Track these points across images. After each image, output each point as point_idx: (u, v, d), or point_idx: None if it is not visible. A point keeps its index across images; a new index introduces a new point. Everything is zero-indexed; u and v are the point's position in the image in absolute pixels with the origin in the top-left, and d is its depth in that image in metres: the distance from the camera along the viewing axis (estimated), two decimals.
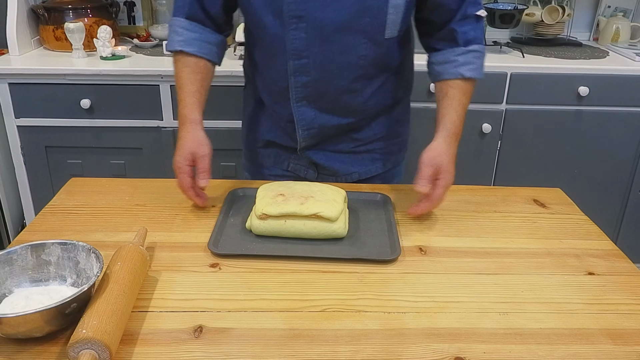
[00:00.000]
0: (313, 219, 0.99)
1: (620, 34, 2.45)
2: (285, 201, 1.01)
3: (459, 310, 0.85)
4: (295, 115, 1.22)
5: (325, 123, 1.23)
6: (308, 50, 1.12)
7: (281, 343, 0.77)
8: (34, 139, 2.10)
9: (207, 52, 1.20)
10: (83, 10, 2.23)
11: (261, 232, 1.00)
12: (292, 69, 1.15)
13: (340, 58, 1.13)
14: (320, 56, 1.13)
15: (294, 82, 1.17)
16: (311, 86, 1.17)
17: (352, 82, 1.17)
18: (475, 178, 2.21)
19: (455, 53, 1.15)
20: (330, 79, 1.16)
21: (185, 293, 0.87)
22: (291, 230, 1.00)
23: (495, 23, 2.24)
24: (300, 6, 1.07)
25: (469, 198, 1.20)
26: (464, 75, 1.14)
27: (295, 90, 1.18)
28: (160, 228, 1.05)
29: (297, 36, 1.11)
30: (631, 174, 2.25)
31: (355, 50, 1.12)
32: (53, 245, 0.85)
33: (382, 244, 1.00)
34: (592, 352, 0.77)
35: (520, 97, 2.12)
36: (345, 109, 1.21)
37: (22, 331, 0.73)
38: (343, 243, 1.00)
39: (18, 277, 0.84)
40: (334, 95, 1.18)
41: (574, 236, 1.07)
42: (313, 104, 1.20)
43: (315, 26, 1.09)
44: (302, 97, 1.19)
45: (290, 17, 1.09)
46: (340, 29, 1.09)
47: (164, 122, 2.09)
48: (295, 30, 1.10)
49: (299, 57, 1.13)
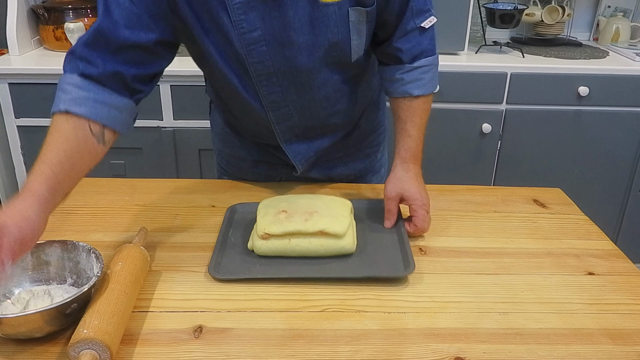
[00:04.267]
0: (319, 236, 0.93)
1: (620, 34, 2.45)
2: (289, 218, 0.95)
3: (459, 310, 0.85)
4: (289, 154, 1.18)
5: (319, 147, 1.20)
6: (286, 99, 1.08)
7: (281, 343, 0.77)
8: (34, 139, 2.10)
9: (105, 116, 0.92)
10: (83, 10, 2.23)
11: (264, 252, 0.94)
12: (274, 119, 1.11)
13: (318, 94, 1.09)
14: (299, 101, 1.09)
15: (278, 129, 1.13)
16: (296, 126, 1.14)
17: (334, 106, 1.14)
18: (475, 178, 2.21)
19: (401, 71, 1.09)
20: (313, 114, 1.12)
21: (185, 293, 0.87)
22: (296, 249, 0.94)
23: (495, 23, 2.24)
24: (267, 64, 1.01)
25: (469, 198, 1.20)
26: (411, 94, 1.08)
27: (282, 133, 1.14)
28: (160, 228, 1.05)
29: (271, 91, 1.05)
30: (631, 174, 2.25)
31: (330, 82, 1.08)
32: (53, 246, 0.85)
33: (394, 259, 0.95)
34: (592, 352, 0.77)
35: (520, 97, 2.12)
36: (334, 128, 1.19)
37: (22, 331, 0.73)
38: (352, 260, 0.95)
39: (18, 277, 0.84)
40: (321, 123, 1.15)
41: (574, 236, 1.07)
42: (302, 138, 1.17)
43: (287, 78, 1.04)
44: (290, 137, 1.15)
45: (259, 76, 1.03)
46: (313, 71, 1.04)
47: (164, 122, 2.09)
48: (268, 86, 1.04)
49: (277, 108, 1.09)
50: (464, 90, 2.09)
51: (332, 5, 0.97)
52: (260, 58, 1.00)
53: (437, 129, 2.14)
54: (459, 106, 2.12)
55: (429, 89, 1.10)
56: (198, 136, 2.09)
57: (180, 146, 2.12)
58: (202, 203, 1.15)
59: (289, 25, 0.97)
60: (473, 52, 2.25)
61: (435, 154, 2.18)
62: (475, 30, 2.34)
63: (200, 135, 2.09)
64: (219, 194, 1.18)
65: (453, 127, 2.14)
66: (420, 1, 1.04)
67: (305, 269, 0.92)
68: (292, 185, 1.23)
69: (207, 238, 1.02)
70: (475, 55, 2.22)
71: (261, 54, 0.99)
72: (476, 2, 2.26)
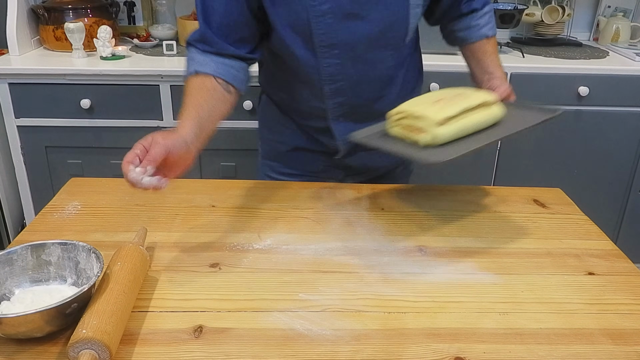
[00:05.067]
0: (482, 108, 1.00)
1: (620, 34, 2.45)
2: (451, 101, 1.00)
3: (459, 310, 0.85)
4: (334, 132, 1.24)
5: None
6: (342, 73, 1.14)
7: (281, 343, 0.77)
8: (34, 139, 2.10)
9: (225, 73, 1.08)
10: (83, 10, 2.23)
11: (448, 138, 0.97)
12: (328, 93, 1.17)
13: (371, 73, 1.16)
14: (354, 76, 1.15)
15: (330, 104, 1.19)
16: (347, 104, 1.20)
17: (381, 89, 1.20)
18: (475, 178, 2.21)
19: (477, 17, 1.23)
20: (363, 93, 1.19)
21: (185, 293, 0.87)
22: (469, 126, 0.99)
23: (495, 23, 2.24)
24: (331, 35, 1.08)
25: (469, 198, 1.20)
26: (488, 35, 1.23)
27: (332, 110, 1.21)
28: (160, 228, 1.05)
29: (330, 63, 1.12)
30: (631, 174, 2.25)
31: (383, 62, 1.16)
32: (53, 246, 0.85)
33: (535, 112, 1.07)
34: (592, 352, 0.77)
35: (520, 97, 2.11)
36: (378, 114, 1.22)
37: (22, 331, 0.73)
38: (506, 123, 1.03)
39: (18, 277, 0.84)
40: (367, 105, 1.21)
41: (574, 236, 1.07)
42: (349, 118, 1.22)
43: (347, 50, 1.11)
44: (339, 114, 1.22)
45: (322, 47, 1.10)
46: (370, 47, 1.12)
47: (164, 122, 2.08)
48: (329, 57, 1.12)
49: (334, 82, 1.15)
50: None
51: None
52: (326, 29, 1.07)
53: None
54: None
55: (495, 30, 1.26)
56: None
57: None
58: (202, 203, 1.15)
59: (356, 1, 1.05)
60: None
61: None
62: None
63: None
64: (219, 194, 1.18)
65: None
66: None
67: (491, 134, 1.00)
68: (295, 185, 1.23)
69: (207, 238, 1.02)
70: None
71: (327, 25, 1.07)
72: None
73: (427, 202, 1.18)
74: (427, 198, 1.19)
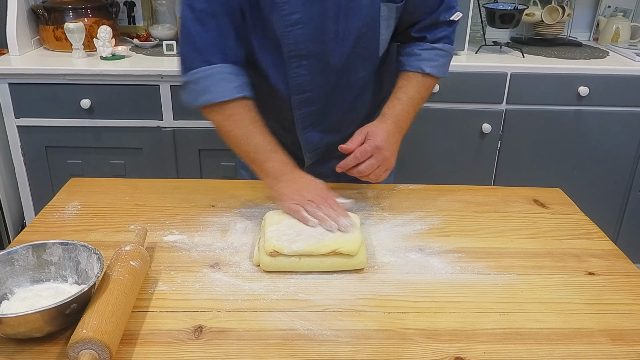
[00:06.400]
0: (331, 255, 0.92)
1: (620, 34, 2.45)
2: (298, 235, 0.95)
3: (459, 310, 0.85)
4: (301, 141, 1.22)
5: (331, 140, 1.23)
6: (311, 84, 1.12)
7: (281, 343, 0.77)
8: (34, 139, 2.10)
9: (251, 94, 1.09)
10: (83, 10, 2.23)
11: (271, 269, 0.92)
12: (296, 103, 1.15)
13: (342, 84, 1.14)
14: (324, 87, 1.13)
15: (298, 114, 1.17)
16: (316, 114, 1.18)
17: (353, 100, 1.18)
18: (475, 178, 2.21)
19: (421, 47, 1.15)
20: (333, 104, 1.17)
21: (185, 293, 0.87)
22: (306, 268, 0.92)
23: (495, 23, 2.24)
24: (301, 46, 1.07)
25: (469, 198, 1.20)
26: (423, 70, 1.14)
27: (301, 120, 1.19)
28: (160, 228, 1.05)
29: (299, 73, 1.10)
30: (631, 174, 2.25)
31: (355, 74, 1.14)
32: (54, 246, 0.85)
33: None
34: (592, 352, 0.77)
35: (520, 97, 2.12)
36: (348, 124, 1.22)
37: (22, 331, 0.73)
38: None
39: (19, 277, 0.84)
40: (337, 116, 1.20)
41: (574, 236, 1.07)
42: (318, 128, 1.21)
43: (317, 62, 1.09)
44: (307, 124, 1.20)
45: (291, 57, 1.08)
46: (340, 59, 1.10)
47: (164, 122, 2.09)
48: (297, 68, 1.10)
49: (302, 92, 1.13)
50: (464, 90, 2.09)
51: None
52: (296, 40, 1.05)
53: (437, 129, 2.14)
54: (459, 106, 2.12)
55: (439, 72, 1.16)
56: (198, 136, 2.09)
57: (180, 146, 2.12)
58: (202, 203, 1.15)
59: (326, 12, 1.03)
60: (473, 52, 2.25)
61: (435, 154, 2.18)
62: (475, 30, 2.34)
63: (200, 135, 2.09)
64: (219, 194, 1.18)
65: (453, 127, 2.14)
66: None
67: None
68: None
69: (207, 238, 1.02)
70: (475, 55, 2.22)
71: (297, 36, 1.05)
72: (476, 2, 2.25)
73: (427, 202, 1.18)
74: (427, 198, 1.19)
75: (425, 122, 2.12)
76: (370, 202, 1.17)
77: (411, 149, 2.18)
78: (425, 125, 2.13)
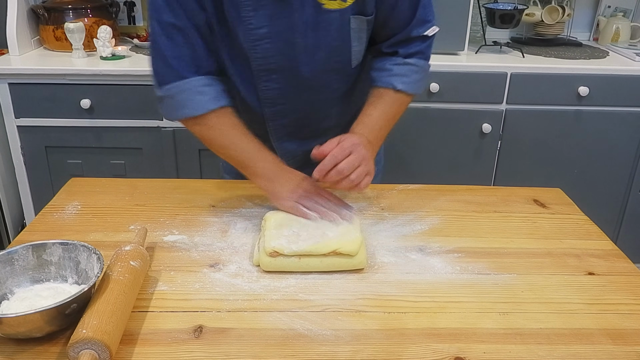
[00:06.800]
0: (331, 255, 0.92)
1: (620, 34, 2.45)
2: (298, 235, 0.95)
3: (459, 310, 0.85)
4: (278, 151, 1.21)
5: (308, 148, 1.19)
6: (283, 97, 1.11)
7: (281, 343, 0.77)
8: (34, 139, 2.10)
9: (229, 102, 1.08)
10: (83, 10, 2.23)
11: (270, 269, 0.92)
12: (269, 115, 1.14)
13: (314, 97, 1.12)
14: (295, 100, 1.11)
15: (272, 126, 1.16)
16: (290, 125, 1.16)
17: (328, 110, 1.16)
18: (475, 178, 2.21)
19: (393, 62, 1.11)
20: (307, 115, 1.15)
21: (185, 293, 0.87)
22: (306, 268, 0.92)
23: (495, 23, 2.24)
24: (269, 60, 1.05)
25: (469, 198, 1.20)
26: (395, 86, 1.09)
27: (275, 131, 1.17)
28: (160, 228, 1.05)
29: (269, 87, 1.09)
30: (631, 174, 2.25)
31: (328, 86, 1.12)
32: (54, 246, 0.85)
33: None
34: (592, 352, 0.77)
35: (520, 97, 2.12)
36: (325, 131, 1.20)
37: (22, 331, 0.73)
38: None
39: (19, 277, 0.84)
40: (313, 125, 1.18)
41: (574, 236, 1.07)
42: (294, 137, 1.19)
43: (287, 76, 1.07)
44: (282, 135, 1.19)
45: (260, 71, 1.06)
46: (312, 73, 1.07)
47: (164, 122, 2.08)
48: (267, 81, 1.08)
49: (274, 105, 1.12)
50: (464, 90, 2.09)
51: (335, 12, 1.01)
52: (264, 54, 1.04)
53: (437, 129, 2.14)
54: (459, 106, 2.12)
55: (412, 88, 1.11)
56: None
57: (180, 146, 2.12)
58: (202, 203, 1.15)
59: (294, 27, 1.01)
60: (473, 52, 2.25)
61: (435, 154, 2.18)
62: (475, 30, 2.34)
63: None
64: (219, 194, 1.18)
65: (453, 127, 2.14)
66: (425, 12, 1.08)
67: None
68: None
69: (207, 238, 1.02)
70: (475, 55, 2.22)
71: (265, 50, 1.03)
72: (476, 2, 2.26)
73: (427, 202, 1.18)
74: (427, 198, 1.19)
75: (425, 122, 2.13)
76: (370, 202, 1.17)
77: (411, 149, 2.18)
78: (425, 125, 2.13)
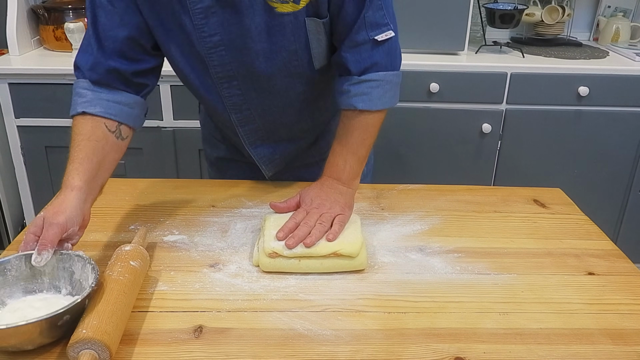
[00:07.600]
0: (332, 257, 0.92)
1: (620, 34, 2.45)
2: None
3: (459, 310, 0.85)
4: (253, 156, 1.20)
5: (284, 150, 1.21)
6: (247, 102, 1.09)
7: (281, 343, 0.77)
8: (34, 139, 2.10)
9: (117, 113, 0.99)
10: (83, 10, 2.23)
11: (270, 270, 0.92)
12: (237, 121, 1.13)
13: (280, 101, 1.10)
14: (260, 105, 1.10)
15: (242, 131, 1.15)
16: (260, 130, 1.15)
17: (298, 113, 1.14)
18: (475, 178, 2.21)
19: (349, 83, 1.04)
20: (276, 120, 1.14)
21: (185, 293, 0.87)
22: (306, 270, 0.92)
23: (495, 23, 2.24)
24: (227, 67, 1.03)
25: (469, 198, 1.20)
26: (355, 107, 1.03)
27: (246, 136, 1.16)
28: (160, 228, 1.05)
29: (232, 93, 1.08)
30: (631, 174, 2.25)
31: (292, 89, 1.09)
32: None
33: None
34: (592, 352, 0.77)
35: (520, 97, 2.12)
36: (299, 133, 1.20)
37: (13, 343, 0.71)
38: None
39: (11, 287, 0.81)
40: (284, 128, 1.17)
41: (574, 236, 1.07)
42: (267, 141, 1.18)
43: (248, 82, 1.06)
44: (254, 139, 1.18)
45: (219, 78, 1.05)
46: (273, 77, 1.05)
47: (164, 122, 2.09)
48: (229, 88, 1.07)
49: (239, 111, 1.11)
50: (464, 90, 2.09)
51: (288, 15, 0.98)
52: (221, 61, 1.03)
53: (437, 129, 2.14)
54: (459, 106, 2.12)
55: (376, 105, 1.04)
56: (198, 136, 2.08)
57: (180, 146, 2.12)
58: (202, 203, 1.15)
59: (247, 33, 0.99)
60: (473, 52, 2.25)
61: (435, 154, 2.18)
62: (475, 30, 2.34)
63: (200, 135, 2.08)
64: (219, 194, 1.18)
65: (453, 127, 2.14)
66: (376, 14, 1.00)
67: None
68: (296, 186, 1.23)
69: (207, 238, 1.02)
70: (475, 55, 2.22)
71: (221, 57, 1.02)
72: (476, 2, 2.25)
73: (427, 202, 1.18)
74: (427, 198, 1.19)
75: (425, 122, 2.13)
76: (370, 202, 1.17)
77: (411, 149, 2.18)
78: (425, 125, 2.13)
